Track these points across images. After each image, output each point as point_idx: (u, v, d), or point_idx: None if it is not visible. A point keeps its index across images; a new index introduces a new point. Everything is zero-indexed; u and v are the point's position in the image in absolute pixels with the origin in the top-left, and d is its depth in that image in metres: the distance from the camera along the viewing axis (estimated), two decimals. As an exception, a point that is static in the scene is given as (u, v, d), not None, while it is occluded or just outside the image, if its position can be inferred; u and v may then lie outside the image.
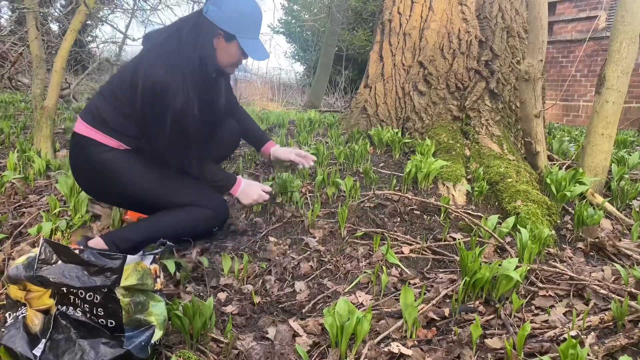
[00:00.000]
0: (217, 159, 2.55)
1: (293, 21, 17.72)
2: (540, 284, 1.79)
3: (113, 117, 2.02)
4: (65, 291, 1.28)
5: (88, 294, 1.28)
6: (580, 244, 2.20)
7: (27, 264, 1.31)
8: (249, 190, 2.22)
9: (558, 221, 2.39)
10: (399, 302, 1.67)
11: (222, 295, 1.79)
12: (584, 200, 2.53)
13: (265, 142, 2.64)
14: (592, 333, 1.45)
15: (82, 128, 2.05)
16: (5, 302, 1.39)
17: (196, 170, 2.10)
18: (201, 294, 1.81)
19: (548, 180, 2.53)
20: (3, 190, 2.73)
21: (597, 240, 2.15)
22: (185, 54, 1.98)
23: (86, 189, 2.21)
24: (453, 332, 1.51)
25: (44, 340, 1.27)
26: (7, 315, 1.36)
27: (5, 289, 1.56)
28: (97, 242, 1.99)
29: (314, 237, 2.18)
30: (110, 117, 2.02)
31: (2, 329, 1.31)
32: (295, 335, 1.54)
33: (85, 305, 1.29)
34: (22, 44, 5.61)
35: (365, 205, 2.42)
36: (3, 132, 4.27)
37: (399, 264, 1.97)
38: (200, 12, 2.03)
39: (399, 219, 2.35)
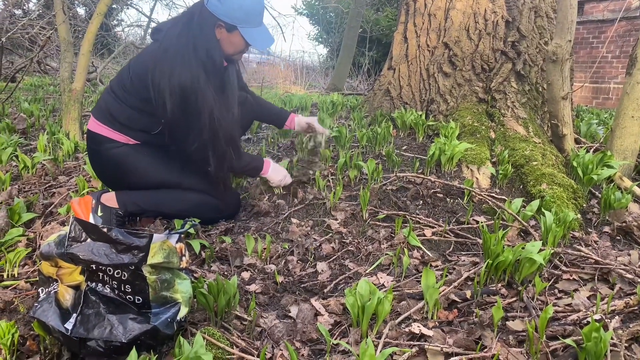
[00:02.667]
0: None
1: (316, 3, 17.55)
2: (564, 268, 1.78)
3: (121, 112, 2.09)
4: (94, 268, 1.32)
5: (116, 271, 1.32)
6: (606, 228, 2.17)
7: (59, 241, 1.35)
8: (278, 171, 2.38)
9: (584, 205, 2.35)
10: (420, 283, 1.68)
11: (245, 275, 1.83)
12: (612, 184, 2.48)
13: (287, 116, 2.68)
14: (617, 317, 1.44)
15: (94, 125, 2.15)
16: (38, 278, 1.45)
17: (235, 163, 2.19)
18: (225, 273, 1.85)
19: (574, 164, 2.49)
20: (34, 172, 2.80)
21: (624, 224, 2.12)
22: (200, 50, 1.99)
23: (104, 181, 2.31)
24: (474, 314, 1.51)
25: (74, 315, 1.32)
26: (40, 290, 1.41)
27: (38, 265, 1.61)
28: (109, 198, 2.12)
29: (336, 219, 2.19)
30: (118, 112, 2.09)
31: (36, 304, 1.36)
32: (317, 314, 1.56)
33: (113, 282, 1.33)
34: (50, 27, 5.71)
35: (388, 188, 2.42)
36: (33, 115, 4.37)
37: (421, 246, 1.97)
38: (202, 3, 2.02)
39: (421, 201, 2.35)
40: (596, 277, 1.72)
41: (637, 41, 2.58)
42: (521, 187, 2.47)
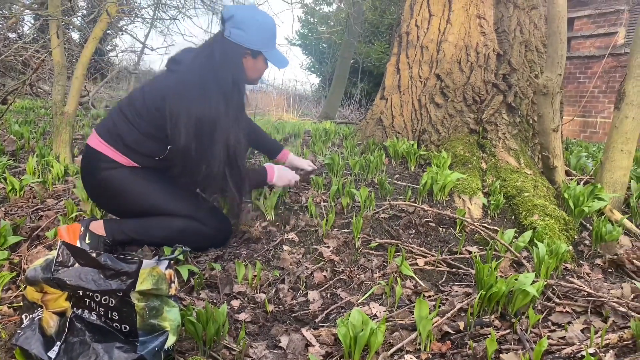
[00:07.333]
0: None
1: (310, 34, 17.83)
2: (557, 300, 1.77)
3: (130, 135, 2.09)
4: (81, 294, 1.29)
5: (103, 298, 1.29)
6: (598, 261, 2.17)
7: (45, 265, 1.32)
8: (283, 174, 2.42)
9: (575, 237, 2.35)
10: (413, 314, 1.66)
11: (235, 303, 1.79)
12: (602, 216, 2.49)
13: (280, 150, 2.77)
14: (611, 351, 1.42)
15: (96, 142, 2.13)
16: (22, 304, 1.41)
17: (242, 187, 2.18)
18: (214, 300, 1.81)
19: (566, 195, 2.50)
20: (22, 194, 2.76)
21: (615, 257, 2.11)
22: (222, 81, 2.05)
23: (92, 198, 2.30)
24: (468, 346, 1.49)
25: (58, 343, 1.28)
26: (23, 316, 1.37)
27: (23, 290, 1.57)
28: (97, 226, 2.11)
29: (328, 247, 2.17)
30: (127, 135, 2.09)
31: (19, 330, 1.32)
32: (308, 344, 1.53)
33: (100, 308, 1.30)
34: (44, 51, 5.73)
35: (380, 216, 2.41)
36: (23, 137, 4.34)
37: (414, 276, 1.95)
38: (222, 35, 2.09)
39: (414, 230, 2.34)
40: (589, 310, 1.71)
41: (625, 77, 2.63)
42: (513, 217, 2.48)
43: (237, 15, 2.05)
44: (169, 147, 2.11)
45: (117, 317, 1.29)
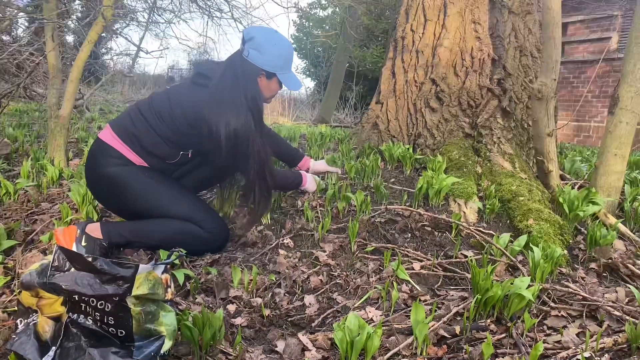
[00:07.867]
0: None
1: (305, 38, 17.86)
2: (552, 304, 1.77)
3: (148, 137, 2.15)
4: (76, 299, 1.28)
5: (99, 302, 1.28)
6: (593, 265, 2.18)
7: (41, 270, 1.32)
8: (312, 180, 2.69)
9: (570, 241, 2.36)
10: (409, 318, 1.66)
11: (231, 307, 1.79)
12: (597, 221, 2.51)
13: (301, 157, 2.87)
14: (606, 355, 1.43)
15: (109, 137, 2.16)
16: (17, 309, 1.40)
17: (272, 186, 2.31)
18: (210, 305, 1.81)
19: (560, 200, 2.51)
20: (16, 198, 2.75)
21: (610, 261, 2.13)
22: (249, 99, 2.17)
23: (93, 191, 2.29)
24: (464, 350, 1.49)
25: (54, 348, 1.27)
26: (18, 321, 1.36)
27: (17, 295, 1.56)
28: (94, 228, 2.11)
29: (324, 251, 2.17)
30: (144, 136, 2.15)
31: (13, 335, 1.31)
32: (304, 349, 1.53)
33: (96, 313, 1.29)
34: (38, 54, 5.70)
35: (376, 220, 2.41)
36: (17, 141, 4.32)
37: (410, 280, 1.96)
38: (240, 55, 2.18)
39: (409, 234, 2.34)
40: (584, 314, 1.72)
41: (619, 82, 2.65)
42: (508, 222, 2.49)
43: (257, 38, 2.15)
44: (180, 153, 2.21)
45: (113, 322, 1.29)
